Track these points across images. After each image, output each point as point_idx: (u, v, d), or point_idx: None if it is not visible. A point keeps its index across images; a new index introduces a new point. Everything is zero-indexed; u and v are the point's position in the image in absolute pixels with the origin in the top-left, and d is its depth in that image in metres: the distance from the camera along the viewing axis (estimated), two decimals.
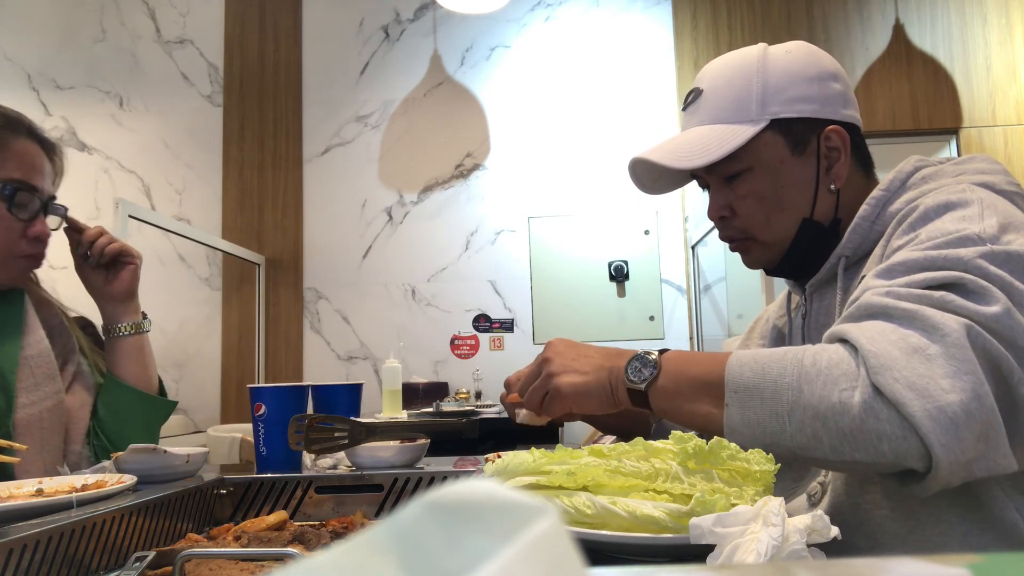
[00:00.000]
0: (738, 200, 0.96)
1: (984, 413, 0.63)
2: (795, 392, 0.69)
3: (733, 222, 0.98)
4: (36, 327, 1.18)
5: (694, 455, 0.65)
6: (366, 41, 3.67)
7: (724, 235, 1.02)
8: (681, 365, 0.80)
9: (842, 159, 0.94)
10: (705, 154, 0.92)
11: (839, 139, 0.94)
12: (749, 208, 0.96)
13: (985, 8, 3.50)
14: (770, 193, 0.94)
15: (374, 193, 3.60)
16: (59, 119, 3.67)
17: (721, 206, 0.98)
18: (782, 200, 0.94)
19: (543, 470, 0.67)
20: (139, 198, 3.60)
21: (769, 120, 0.92)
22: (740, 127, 0.92)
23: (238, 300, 3.55)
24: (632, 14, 3.61)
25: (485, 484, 0.21)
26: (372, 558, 0.20)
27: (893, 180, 0.91)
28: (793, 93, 0.93)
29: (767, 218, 0.95)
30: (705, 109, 0.97)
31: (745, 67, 0.95)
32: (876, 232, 0.89)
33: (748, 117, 0.93)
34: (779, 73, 0.94)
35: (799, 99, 0.93)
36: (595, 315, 3.43)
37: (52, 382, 1.16)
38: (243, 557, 0.71)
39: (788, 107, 0.93)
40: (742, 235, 0.98)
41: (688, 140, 0.95)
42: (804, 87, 0.94)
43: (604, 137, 3.51)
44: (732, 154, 0.92)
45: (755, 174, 0.94)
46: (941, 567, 0.31)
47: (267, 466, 1.06)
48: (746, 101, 0.93)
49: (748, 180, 0.95)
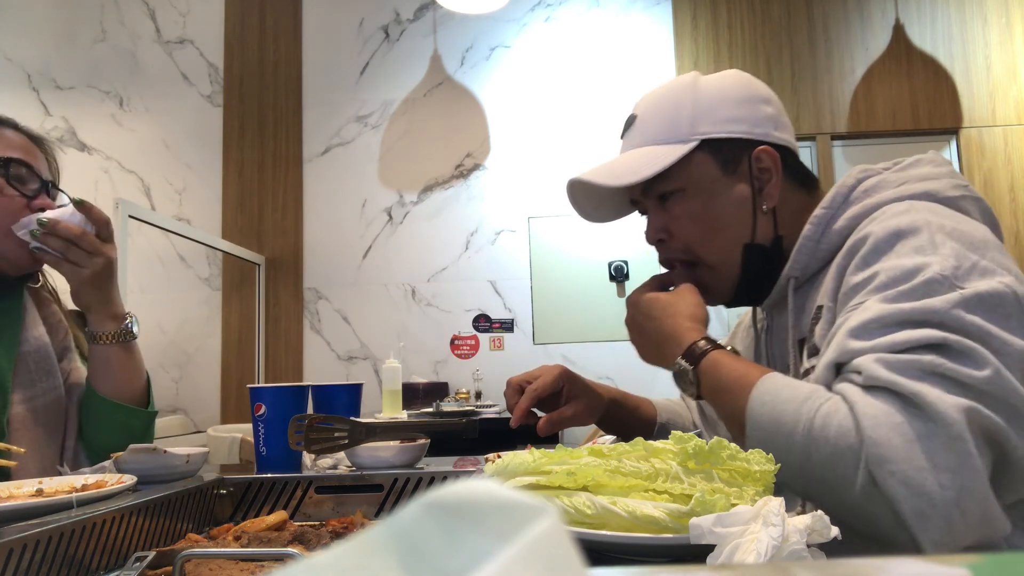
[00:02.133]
0: (673, 221, 0.97)
1: (979, 505, 0.64)
2: (802, 456, 0.71)
3: (671, 243, 0.98)
4: (35, 323, 1.18)
5: (694, 455, 0.65)
6: (366, 41, 3.68)
7: (664, 258, 1.02)
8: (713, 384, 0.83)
9: (773, 179, 0.94)
10: (636, 172, 0.93)
11: (769, 159, 0.94)
12: (685, 228, 0.96)
13: (985, 8, 3.50)
14: (703, 213, 0.95)
15: (374, 193, 3.60)
16: (59, 119, 3.67)
17: (658, 228, 0.99)
18: (717, 219, 0.95)
19: (543, 470, 0.66)
20: (139, 198, 3.60)
21: (700, 140, 0.93)
22: (671, 147, 0.93)
23: (238, 300, 3.55)
24: (632, 14, 3.61)
25: (485, 484, 0.21)
26: (372, 558, 0.20)
27: (835, 196, 0.90)
28: (722, 114, 0.94)
29: (704, 238, 0.96)
30: (639, 132, 0.98)
31: (677, 91, 0.97)
32: (823, 251, 0.90)
33: (679, 137, 0.94)
34: (709, 95, 0.96)
35: (728, 120, 0.94)
36: (595, 315, 3.43)
37: (50, 378, 1.16)
38: (243, 557, 0.71)
39: (717, 127, 0.94)
40: (684, 255, 0.98)
41: (622, 161, 0.97)
42: (733, 108, 0.95)
43: (604, 137, 3.50)
44: (665, 174, 0.93)
45: (687, 194, 0.95)
46: (941, 567, 0.31)
47: (267, 466, 1.06)
48: (677, 121, 0.95)
49: (681, 200, 0.95)
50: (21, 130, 1.21)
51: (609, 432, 1.20)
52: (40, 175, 1.17)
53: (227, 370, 3.52)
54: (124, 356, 1.18)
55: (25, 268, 1.17)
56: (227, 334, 3.54)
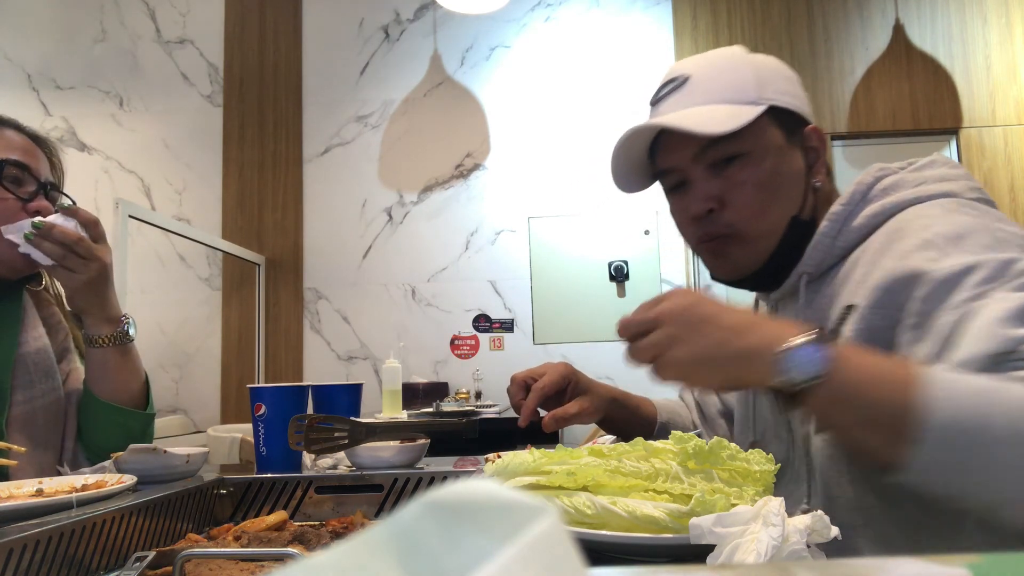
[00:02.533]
0: (732, 189, 0.89)
1: None
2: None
3: (721, 215, 0.90)
4: (35, 324, 1.18)
5: (694, 455, 0.65)
6: (366, 41, 3.68)
7: (704, 232, 0.92)
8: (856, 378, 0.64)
9: (820, 159, 0.93)
10: (721, 124, 0.86)
11: (817, 139, 0.92)
12: (745, 197, 0.89)
13: (985, 8, 3.50)
14: (769, 180, 0.89)
15: (374, 193, 3.60)
16: (59, 119, 3.67)
17: (710, 196, 0.90)
18: (779, 189, 0.89)
19: (543, 470, 0.67)
20: (139, 198, 3.60)
21: (768, 105, 0.89)
22: (742, 107, 0.88)
23: (238, 300, 3.55)
24: (632, 14, 3.61)
25: (485, 484, 0.21)
26: (372, 558, 0.20)
27: (854, 194, 0.88)
28: (781, 85, 0.92)
29: (762, 208, 0.89)
30: (698, 92, 0.91)
31: (731, 57, 0.94)
32: (839, 248, 0.87)
33: (747, 98, 0.88)
34: (765, 65, 0.93)
35: (787, 92, 0.92)
36: (595, 315, 3.43)
37: (49, 379, 1.16)
38: (243, 557, 0.71)
39: (780, 96, 0.90)
40: (728, 230, 0.90)
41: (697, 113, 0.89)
42: (787, 84, 0.93)
43: (604, 137, 3.50)
44: (734, 135, 0.86)
45: (754, 158, 0.89)
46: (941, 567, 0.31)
47: (267, 466, 1.06)
48: (743, 84, 0.90)
49: (747, 165, 0.88)
50: (23, 131, 1.20)
51: (609, 431, 1.19)
52: (38, 177, 1.16)
53: (227, 370, 3.52)
54: (121, 359, 1.17)
55: (21, 272, 1.16)
56: (227, 334, 3.54)
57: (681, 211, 0.95)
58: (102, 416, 1.16)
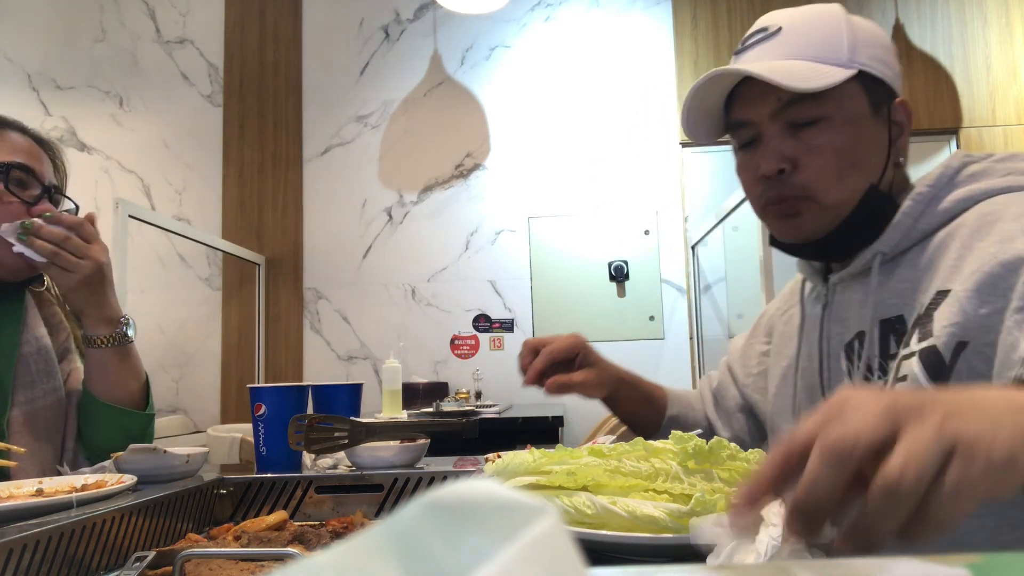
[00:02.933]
0: (808, 152, 0.86)
1: None
2: None
3: (794, 177, 0.87)
4: (36, 324, 1.18)
5: (694, 455, 0.65)
6: (366, 41, 3.68)
7: (775, 194, 0.89)
8: None
9: (904, 135, 0.89)
10: (806, 80, 0.82)
11: (904, 114, 0.89)
12: (822, 161, 0.85)
13: (985, 8, 3.50)
14: (848, 147, 0.85)
15: (374, 193, 3.60)
16: (59, 119, 3.67)
17: (784, 157, 0.87)
18: (859, 158, 0.86)
19: (543, 470, 0.67)
20: (139, 198, 3.60)
21: (858, 69, 0.85)
22: (830, 68, 0.84)
23: (238, 300, 3.55)
24: (632, 14, 3.61)
25: (485, 484, 0.21)
26: (372, 558, 0.20)
27: (941, 176, 0.86)
28: (876, 52, 0.88)
29: (839, 174, 0.86)
30: (788, 44, 0.87)
31: (828, 14, 0.89)
32: (919, 230, 0.84)
33: (838, 60, 0.85)
34: (863, 29, 0.89)
35: (881, 60, 0.88)
36: (595, 315, 3.43)
37: (50, 379, 1.16)
38: (243, 557, 0.71)
39: (872, 63, 0.87)
40: (802, 192, 0.87)
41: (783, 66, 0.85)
42: (883, 51, 0.89)
43: (604, 137, 3.50)
44: (817, 96, 0.84)
45: (835, 123, 0.85)
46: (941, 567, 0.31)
47: (267, 466, 1.06)
48: (836, 43, 0.85)
49: (826, 129, 0.85)
50: (28, 133, 1.20)
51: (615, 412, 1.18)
52: (42, 180, 1.16)
53: (227, 370, 3.52)
54: (120, 359, 1.17)
55: (21, 274, 1.15)
56: (227, 334, 3.54)
57: (750, 169, 0.91)
58: (101, 416, 1.16)
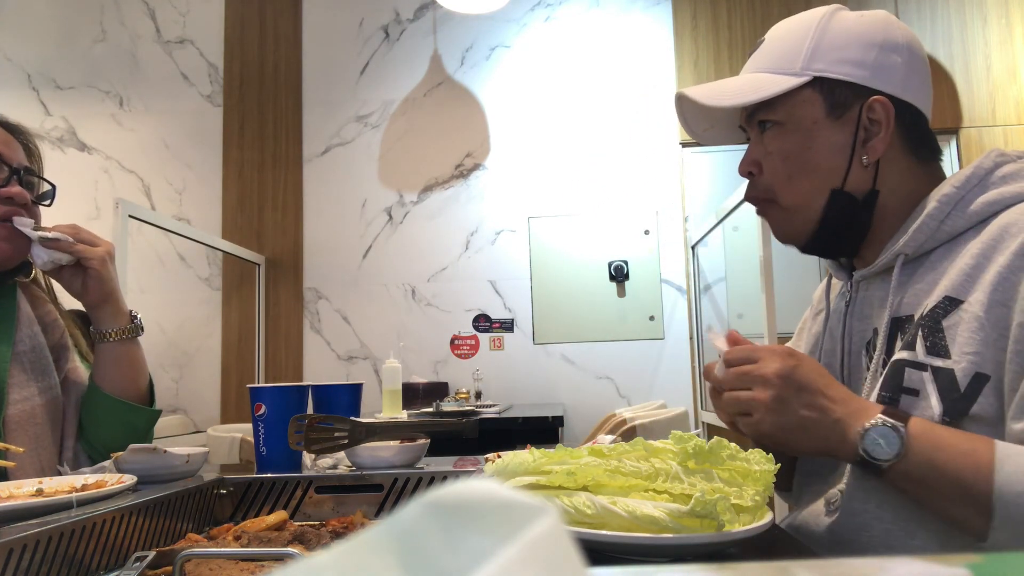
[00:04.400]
0: (766, 156, 0.93)
1: None
2: None
3: (758, 179, 0.94)
4: (30, 322, 1.18)
5: (694, 455, 0.65)
6: (366, 41, 3.68)
7: (749, 194, 0.97)
8: (932, 452, 0.70)
9: (882, 133, 0.88)
10: (737, 95, 0.90)
11: (882, 111, 0.88)
12: (774, 165, 0.92)
13: (985, 8, 3.50)
14: (796, 152, 0.90)
15: (374, 193, 3.60)
16: (59, 119, 3.67)
17: (751, 161, 0.95)
18: (808, 163, 0.90)
19: (543, 470, 0.67)
20: (139, 198, 3.60)
21: (811, 76, 0.89)
22: (783, 77, 0.90)
23: (238, 300, 3.55)
24: (632, 14, 3.61)
25: (485, 484, 0.21)
26: (372, 558, 0.20)
27: (970, 178, 0.85)
28: (846, 54, 0.89)
29: (789, 178, 0.91)
30: (761, 57, 0.94)
31: (807, 22, 0.93)
32: (944, 232, 0.84)
33: (792, 69, 0.90)
34: (838, 32, 0.90)
35: (851, 62, 0.89)
36: (595, 315, 3.43)
37: (46, 377, 1.16)
38: (243, 557, 0.71)
39: (835, 67, 0.89)
40: (765, 194, 0.94)
41: (732, 83, 0.93)
42: (860, 51, 0.89)
43: (604, 137, 3.50)
44: (770, 104, 0.90)
45: (786, 129, 0.91)
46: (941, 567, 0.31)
47: (267, 466, 1.06)
48: (794, 54, 0.90)
49: (779, 136, 0.91)
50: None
51: None
52: (10, 163, 1.15)
53: (227, 370, 3.52)
54: (132, 353, 1.21)
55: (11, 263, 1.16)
56: (227, 334, 3.54)
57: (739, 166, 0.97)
58: (110, 412, 1.17)
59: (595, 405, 3.30)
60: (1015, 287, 0.74)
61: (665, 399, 3.25)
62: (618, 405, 3.28)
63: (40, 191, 1.23)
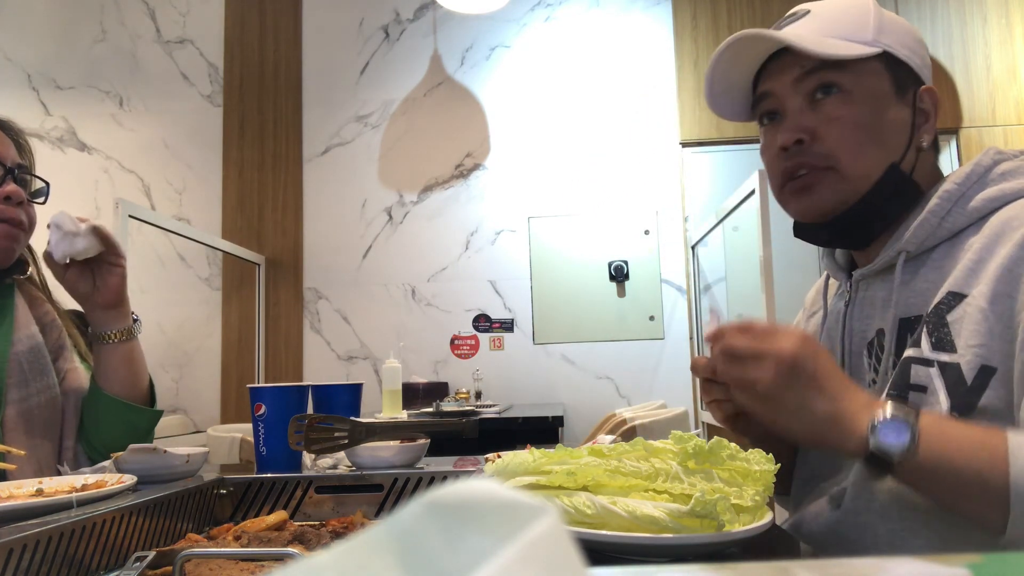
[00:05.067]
0: (828, 123, 0.86)
1: None
2: None
3: (814, 147, 0.87)
4: (27, 322, 1.18)
5: (694, 455, 0.65)
6: (366, 41, 3.68)
7: (794, 163, 0.89)
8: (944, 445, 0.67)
9: (930, 122, 0.89)
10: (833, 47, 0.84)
11: (931, 102, 0.89)
12: (840, 132, 0.86)
13: (985, 8, 3.50)
14: (868, 122, 0.86)
15: (374, 193, 3.60)
16: (59, 119, 3.67)
17: (802, 128, 0.87)
18: (880, 133, 0.86)
19: (543, 470, 0.67)
20: (139, 198, 3.60)
21: (882, 49, 0.86)
22: (855, 44, 0.85)
23: (238, 300, 3.55)
24: (632, 14, 3.61)
25: (485, 484, 0.21)
26: (372, 558, 0.20)
27: (970, 174, 0.85)
28: (903, 39, 0.88)
29: (860, 145, 0.86)
30: (815, 24, 0.88)
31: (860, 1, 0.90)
32: (944, 229, 0.83)
33: (863, 38, 0.86)
34: (891, 18, 0.90)
35: (907, 47, 0.88)
36: (595, 315, 3.43)
37: (44, 377, 1.15)
38: (243, 557, 0.71)
39: (899, 47, 0.87)
40: (823, 162, 0.87)
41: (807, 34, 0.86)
42: (911, 41, 0.89)
43: (604, 137, 3.50)
44: (838, 67, 0.85)
45: (854, 98, 0.86)
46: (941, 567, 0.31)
47: (267, 466, 1.06)
48: (863, 23, 0.87)
49: (846, 103, 0.86)
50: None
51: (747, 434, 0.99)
52: (4, 162, 1.15)
53: (227, 370, 3.52)
54: (134, 353, 1.21)
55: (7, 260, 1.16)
56: (227, 334, 3.54)
57: (772, 145, 0.92)
58: (112, 412, 1.18)
59: (595, 405, 3.30)
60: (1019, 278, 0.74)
61: (665, 399, 3.25)
62: (618, 405, 3.28)
63: (33, 188, 1.23)
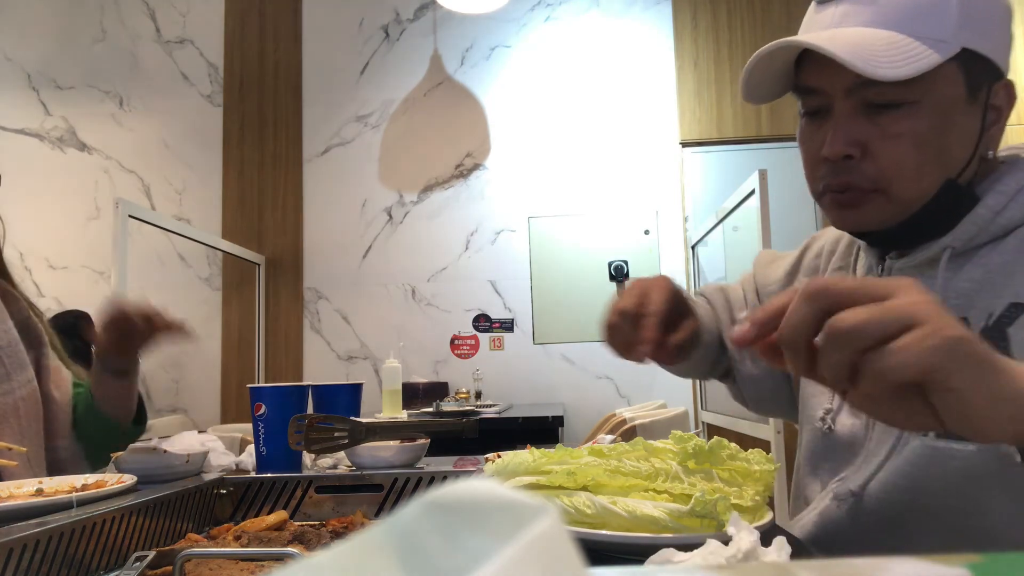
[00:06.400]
0: (884, 139, 0.72)
1: None
2: None
3: (864, 165, 0.73)
4: (3, 317, 1.18)
5: (694, 455, 0.65)
6: (366, 41, 3.68)
7: (837, 181, 0.75)
8: None
9: (1001, 121, 0.76)
10: (894, 65, 0.68)
11: (1006, 98, 0.75)
12: (901, 152, 0.72)
13: None
14: (933, 138, 0.71)
15: (374, 193, 3.60)
16: (59, 119, 3.67)
17: (853, 141, 0.73)
18: (943, 151, 0.72)
19: (543, 470, 0.67)
20: (139, 198, 3.60)
21: (961, 48, 0.70)
22: (926, 48, 0.69)
23: (238, 300, 3.55)
24: (632, 14, 3.61)
25: (485, 484, 0.21)
26: (372, 558, 0.20)
27: None
28: (988, 27, 0.73)
29: (918, 168, 0.72)
30: (879, 10, 0.72)
31: None
32: (999, 226, 0.73)
33: (940, 35, 0.70)
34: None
35: (991, 35, 0.73)
36: (595, 315, 3.41)
37: (24, 371, 1.16)
38: (243, 557, 0.71)
39: (980, 40, 0.71)
40: (872, 185, 0.73)
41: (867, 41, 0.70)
42: (996, 25, 0.74)
43: (604, 137, 3.50)
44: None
45: (921, 109, 0.71)
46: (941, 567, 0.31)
47: (267, 466, 1.06)
48: (940, 16, 0.71)
49: (911, 115, 0.71)
50: None
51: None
52: None
53: (227, 370, 3.53)
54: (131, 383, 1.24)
55: None
56: (227, 334, 3.54)
57: (814, 142, 0.78)
58: (99, 425, 1.20)
59: (595, 405, 3.30)
60: None
61: (665, 399, 3.25)
62: (618, 405, 3.28)
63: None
